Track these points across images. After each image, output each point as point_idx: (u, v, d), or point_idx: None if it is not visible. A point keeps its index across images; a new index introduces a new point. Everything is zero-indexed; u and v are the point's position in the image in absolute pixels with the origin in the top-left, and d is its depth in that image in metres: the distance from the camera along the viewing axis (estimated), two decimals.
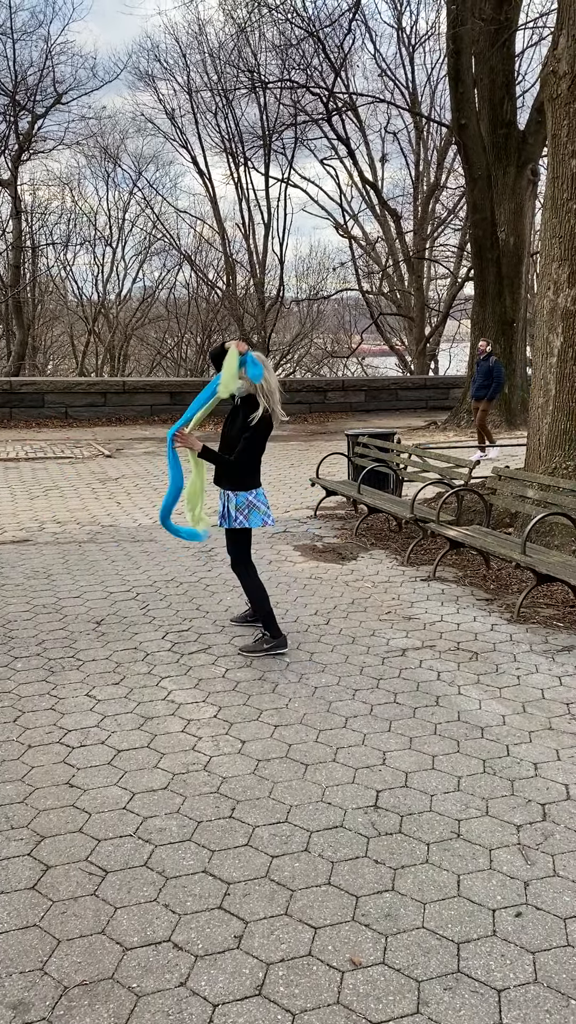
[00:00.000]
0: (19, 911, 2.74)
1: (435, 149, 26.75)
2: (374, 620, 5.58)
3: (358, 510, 8.87)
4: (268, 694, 4.39)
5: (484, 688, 4.48)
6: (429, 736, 3.93)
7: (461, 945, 2.58)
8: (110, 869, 2.94)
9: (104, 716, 4.12)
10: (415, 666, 4.78)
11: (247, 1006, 2.35)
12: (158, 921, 2.69)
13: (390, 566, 6.92)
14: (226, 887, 2.85)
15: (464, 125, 15.76)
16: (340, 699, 4.34)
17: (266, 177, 27.10)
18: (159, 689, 4.45)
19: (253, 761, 3.69)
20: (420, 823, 3.23)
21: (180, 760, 3.70)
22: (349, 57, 22.68)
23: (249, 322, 28.54)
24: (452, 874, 2.92)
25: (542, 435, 7.47)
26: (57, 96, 24.08)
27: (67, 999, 2.37)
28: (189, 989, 2.41)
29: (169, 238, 30.44)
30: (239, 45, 23.46)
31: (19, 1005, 2.35)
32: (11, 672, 4.68)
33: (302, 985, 2.42)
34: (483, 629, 5.41)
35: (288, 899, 2.79)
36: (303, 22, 20.84)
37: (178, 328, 32.59)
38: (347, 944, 2.59)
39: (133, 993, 2.39)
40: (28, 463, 12.62)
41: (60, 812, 3.29)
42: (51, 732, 3.96)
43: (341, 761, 3.69)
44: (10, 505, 9.55)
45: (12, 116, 23.98)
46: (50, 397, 17.69)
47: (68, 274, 32.52)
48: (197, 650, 5.01)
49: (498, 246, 16.25)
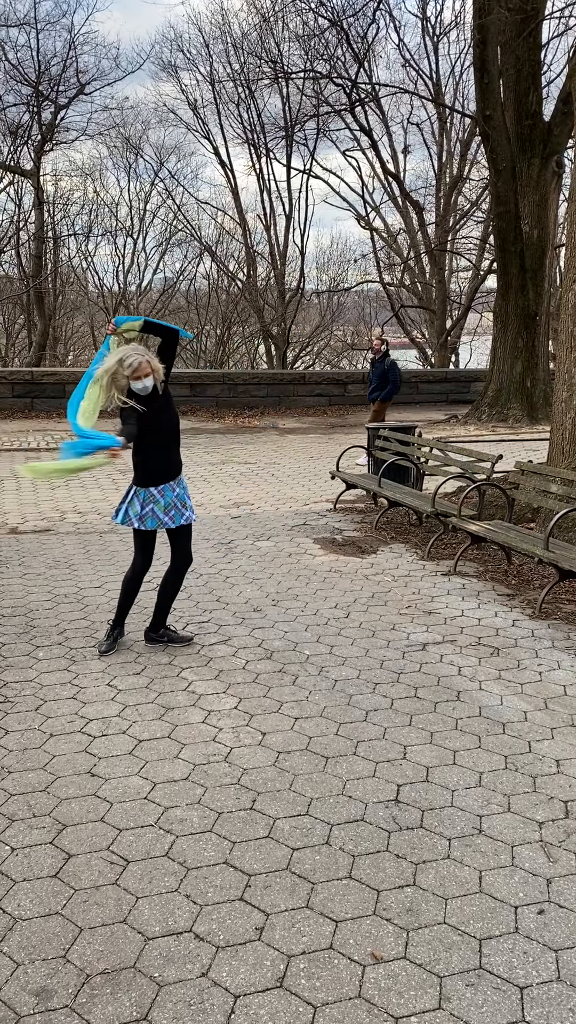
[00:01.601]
0: (42, 899, 2.75)
1: (458, 140, 26.55)
2: (394, 614, 5.56)
3: (378, 504, 8.84)
4: (288, 686, 4.39)
5: (506, 684, 4.46)
6: (450, 731, 3.92)
7: (483, 941, 2.57)
8: (131, 859, 2.95)
9: (125, 706, 4.14)
10: (436, 661, 4.76)
11: (268, 998, 2.35)
12: (179, 911, 2.70)
13: (410, 560, 6.89)
14: (247, 879, 2.85)
15: (489, 116, 15.62)
16: (360, 692, 4.33)
17: (288, 168, 27.01)
18: (180, 680, 4.46)
19: (274, 753, 3.69)
20: (441, 818, 3.22)
21: (201, 751, 3.70)
22: (373, 47, 22.56)
23: (269, 314, 28.50)
24: (474, 870, 2.91)
25: (565, 430, 7.41)
26: (80, 86, 24.05)
27: (89, 987, 2.38)
28: (211, 980, 2.41)
29: (190, 229, 30.46)
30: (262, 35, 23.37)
31: (42, 992, 2.37)
32: (33, 661, 4.70)
33: (323, 978, 2.42)
34: (504, 625, 5.38)
35: (309, 892, 2.79)
36: (327, 11, 20.71)
37: (198, 319, 32.60)
38: (368, 938, 2.58)
39: (155, 982, 2.40)
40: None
41: (82, 801, 3.31)
42: (73, 721, 3.98)
43: (362, 755, 3.69)
44: (32, 495, 9.60)
45: (35, 106, 23.99)
46: (71, 388, 17.68)
47: (89, 265, 32.63)
48: (217, 641, 5.01)
49: (522, 238, 16.11)
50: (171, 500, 4.76)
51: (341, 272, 33.35)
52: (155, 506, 4.73)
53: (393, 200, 27.73)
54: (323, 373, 21.15)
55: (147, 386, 4.55)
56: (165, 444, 4.73)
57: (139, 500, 4.75)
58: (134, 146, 29.28)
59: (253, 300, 28.38)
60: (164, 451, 4.73)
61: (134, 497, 4.77)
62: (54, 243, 28.75)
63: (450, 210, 26.95)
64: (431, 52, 25.71)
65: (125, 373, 4.46)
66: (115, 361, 4.47)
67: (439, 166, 27.34)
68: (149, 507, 4.73)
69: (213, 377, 19.30)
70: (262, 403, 18.70)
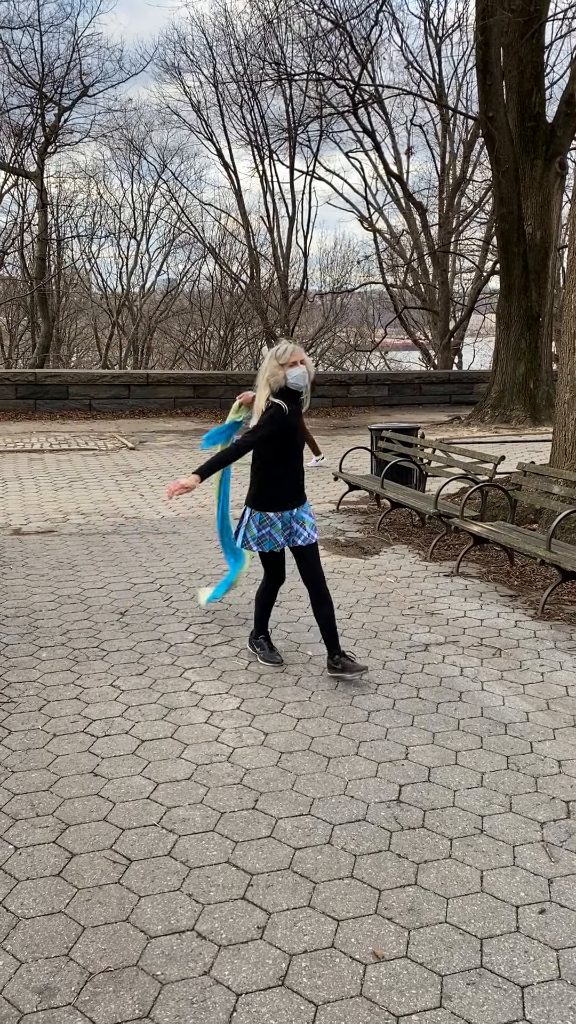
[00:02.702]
0: (45, 897, 2.77)
1: (461, 142, 26.53)
2: (396, 615, 5.57)
3: (381, 505, 8.85)
4: (291, 687, 4.40)
5: (508, 684, 4.46)
6: (452, 731, 3.92)
7: (484, 940, 2.58)
8: (134, 858, 2.97)
9: (128, 706, 4.15)
10: (438, 661, 4.77)
11: (270, 996, 2.36)
12: (182, 910, 2.71)
13: (413, 561, 6.90)
14: (249, 878, 2.86)
15: (492, 117, 15.63)
16: (363, 693, 4.34)
17: (291, 170, 26.99)
18: (182, 680, 4.47)
19: (276, 753, 3.70)
20: (443, 818, 3.22)
21: (203, 751, 3.71)
22: (376, 49, 22.53)
23: (272, 315, 28.50)
24: (475, 870, 2.92)
25: (568, 431, 7.41)
26: (84, 88, 24.07)
27: (92, 985, 2.40)
28: (213, 978, 2.42)
29: (193, 231, 30.46)
30: (266, 37, 23.37)
31: (45, 990, 2.38)
32: (36, 661, 4.72)
33: (325, 976, 2.43)
34: (507, 625, 5.39)
35: (311, 891, 2.80)
36: (330, 13, 20.71)
37: (202, 321, 32.66)
38: (370, 937, 2.59)
39: (157, 981, 2.41)
40: (52, 454, 12.70)
41: (85, 801, 3.32)
42: (76, 721, 3.99)
43: (364, 755, 3.69)
44: (35, 496, 9.62)
45: (39, 109, 24.03)
46: (74, 389, 17.77)
47: (93, 266, 32.70)
48: (220, 642, 5.03)
49: (524, 240, 16.11)
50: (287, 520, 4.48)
51: (344, 273, 33.41)
52: (272, 528, 4.47)
53: (396, 201, 27.73)
54: (326, 375, 21.15)
55: (301, 375, 4.27)
56: (289, 460, 4.43)
57: (255, 523, 4.48)
58: (137, 148, 29.35)
59: (256, 301, 28.39)
60: (287, 467, 4.42)
61: (250, 520, 4.50)
62: (58, 245, 28.82)
63: (453, 211, 26.94)
64: (434, 53, 25.70)
65: (282, 360, 4.24)
66: (271, 357, 4.31)
67: (442, 167, 27.34)
68: (266, 529, 4.47)
69: (216, 378, 19.32)
70: None
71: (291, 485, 4.45)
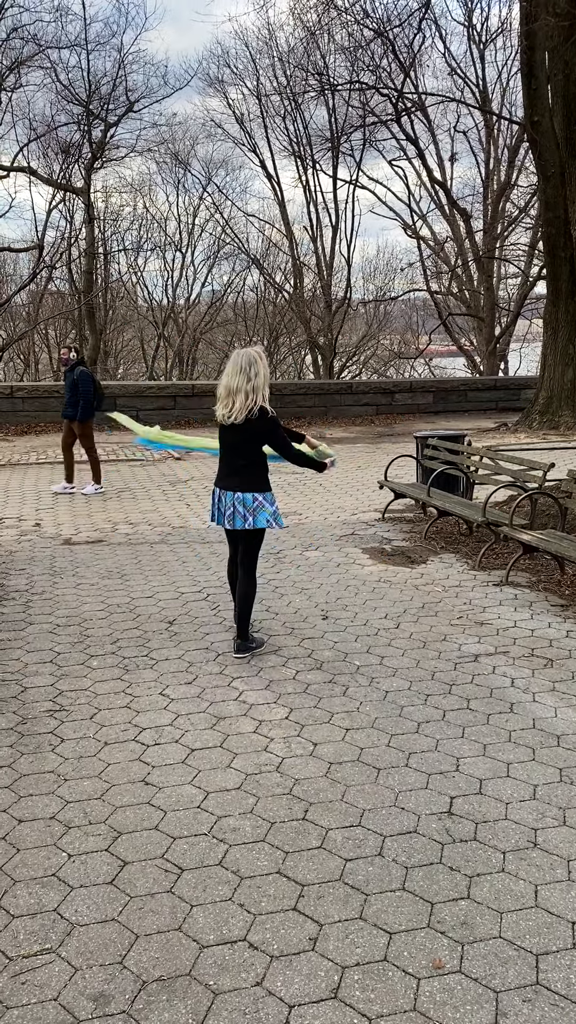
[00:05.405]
0: (98, 905, 2.79)
1: (506, 147, 26.35)
2: (445, 625, 5.52)
3: (427, 513, 8.79)
4: (339, 697, 4.39)
5: (560, 696, 4.39)
6: (503, 743, 3.87)
7: (540, 957, 2.54)
8: (185, 867, 2.98)
9: (178, 715, 4.18)
10: (488, 672, 4.72)
11: (323, 1008, 2.35)
12: (233, 920, 2.71)
13: (461, 570, 6.84)
14: (300, 889, 2.86)
15: (537, 122, 15.50)
16: (412, 704, 4.31)
17: (334, 179, 27.12)
18: (231, 689, 4.49)
19: (325, 764, 3.69)
20: (495, 831, 3.18)
21: (253, 760, 3.72)
22: (418, 57, 22.51)
23: (316, 324, 28.58)
24: (529, 884, 2.88)
25: None
26: (129, 104, 24.49)
27: (146, 993, 2.41)
28: (265, 989, 2.42)
29: (237, 242, 30.73)
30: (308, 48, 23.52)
31: (100, 997, 2.40)
32: (87, 670, 4.78)
33: (378, 990, 2.41)
34: (558, 635, 5.31)
35: (363, 903, 2.78)
36: (373, 23, 20.76)
37: (246, 331, 32.84)
38: (423, 951, 2.57)
39: (210, 991, 2.42)
40: (101, 465, 12.85)
41: (136, 809, 3.35)
42: (126, 730, 4.03)
43: (414, 766, 3.67)
44: (84, 506, 9.75)
45: (86, 125, 24.51)
46: (121, 400, 17.99)
47: (139, 279, 33.12)
48: (267, 651, 5.03)
49: (571, 244, 15.91)
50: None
51: (388, 281, 33.30)
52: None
53: (440, 208, 27.63)
54: (370, 382, 21.12)
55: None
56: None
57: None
58: (182, 161, 29.72)
59: (300, 311, 28.50)
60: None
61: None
62: (104, 258, 29.25)
63: (498, 217, 26.74)
64: (477, 59, 25.65)
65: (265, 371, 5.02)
66: (263, 360, 5.07)
67: (486, 173, 27.15)
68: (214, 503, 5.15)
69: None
70: (309, 413, 18.75)
71: (223, 470, 5.15)
